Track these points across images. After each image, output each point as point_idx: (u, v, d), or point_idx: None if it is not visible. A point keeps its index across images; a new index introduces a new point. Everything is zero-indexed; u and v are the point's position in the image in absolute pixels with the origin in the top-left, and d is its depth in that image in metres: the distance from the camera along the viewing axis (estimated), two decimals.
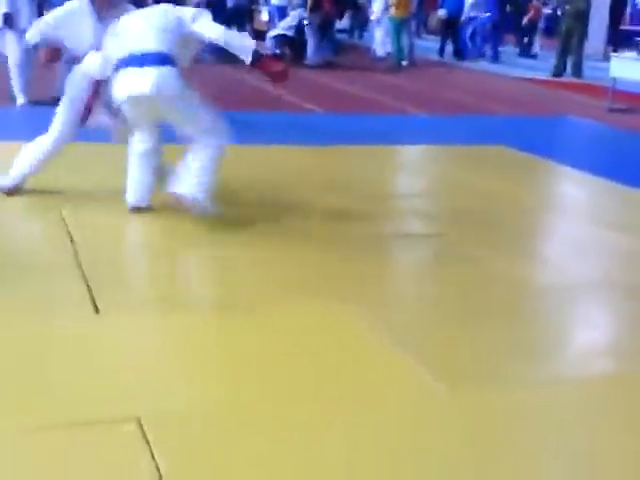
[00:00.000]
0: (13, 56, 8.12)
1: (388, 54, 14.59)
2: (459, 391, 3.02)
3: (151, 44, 4.72)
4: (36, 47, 5.48)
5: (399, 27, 14.20)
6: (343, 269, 4.23)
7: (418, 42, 16.35)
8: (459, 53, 16.28)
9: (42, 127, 5.25)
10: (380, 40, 14.81)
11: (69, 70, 7.23)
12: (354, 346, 3.36)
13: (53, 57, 5.38)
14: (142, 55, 4.71)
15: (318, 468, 2.50)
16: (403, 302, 3.97)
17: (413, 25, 15.43)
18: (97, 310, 3.52)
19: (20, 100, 8.16)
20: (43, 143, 5.14)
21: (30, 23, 7.95)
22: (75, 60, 5.49)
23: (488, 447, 2.69)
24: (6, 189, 5.14)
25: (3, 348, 3.13)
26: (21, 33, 7.96)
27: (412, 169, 6.90)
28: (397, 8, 14.15)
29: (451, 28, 16.24)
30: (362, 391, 3.00)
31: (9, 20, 7.91)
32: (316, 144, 7.13)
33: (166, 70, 4.70)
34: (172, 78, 4.71)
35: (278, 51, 13.90)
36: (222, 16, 12.98)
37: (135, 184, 4.90)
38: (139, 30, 4.81)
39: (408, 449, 2.64)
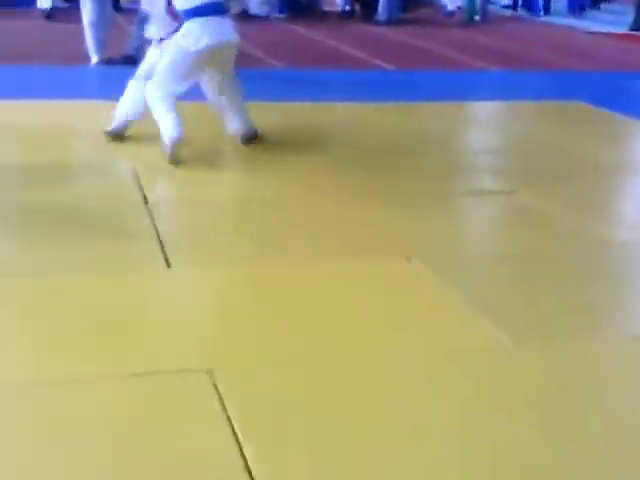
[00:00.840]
0: (87, 15, 8.22)
1: (459, 8, 14.29)
2: (531, 347, 3.01)
3: None
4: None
5: None
6: (410, 226, 4.21)
7: None
8: (530, 6, 15.85)
9: (115, 85, 5.32)
10: None
11: (142, 30, 7.33)
12: (424, 303, 3.36)
13: None
14: (208, 5, 4.96)
15: (392, 420, 2.52)
16: (473, 260, 3.93)
17: None
18: (169, 264, 3.58)
19: (94, 59, 8.27)
20: (137, 88, 5.25)
21: None
22: (148, 19, 5.57)
23: (557, 401, 2.68)
24: (108, 133, 5.31)
25: (81, 302, 3.21)
26: None
27: (484, 125, 6.79)
28: None
29: None
30: (435, 345, 3.00)
31: None
32: (384, 101, 7.07)
33: (229, 19, 5.08)
34: (234, 27, 5.11)
35: (348, 7, 13.76)
36: None
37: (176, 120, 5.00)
38: None
39: (478, 403, 2.64)
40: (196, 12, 5.00)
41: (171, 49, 5.10)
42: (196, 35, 4.99)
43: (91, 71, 8.12)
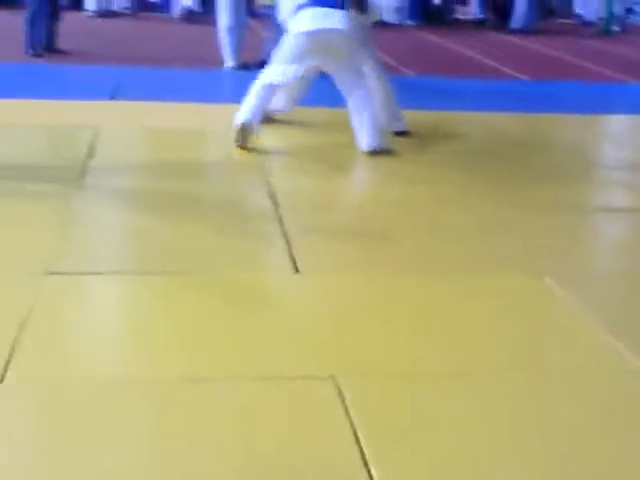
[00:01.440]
0: (223, 20, 8.41)
1: (600, 19, 13.88)
2: None
3: None
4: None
5: None
6: (541, 240, 4.11)
7: None
8: None
9: (247, 90, 5.43)
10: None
11: (276, 34, 7.44)
12: (558, 324, 3.25)
13: None
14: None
15: (510, 437, 2.46)
16: (607, 279, 3.80)
17: None
18: (297, 269, 3.61)
19: (229, 63, 8.46)
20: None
21: None
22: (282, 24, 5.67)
23: None
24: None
25: (205, 300, 3.29)
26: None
27: (620, 140, 6.57)
28: None
29: None
30: (570, 369, 2.91)
31: None
32: (518, 111, 6.95)
33: (342, 12, 5.29)
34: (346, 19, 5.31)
35: (482, 15, 13.60)
36: None
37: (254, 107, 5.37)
38: None
39: (610, 432, 2.55)
40: (309, 4, 5.30)
41: (284, 38, 5.43)
42: (304, 21, 5.27)
43: (226, 75, 8.32)
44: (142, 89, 7.20)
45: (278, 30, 8.13)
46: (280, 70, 5.38)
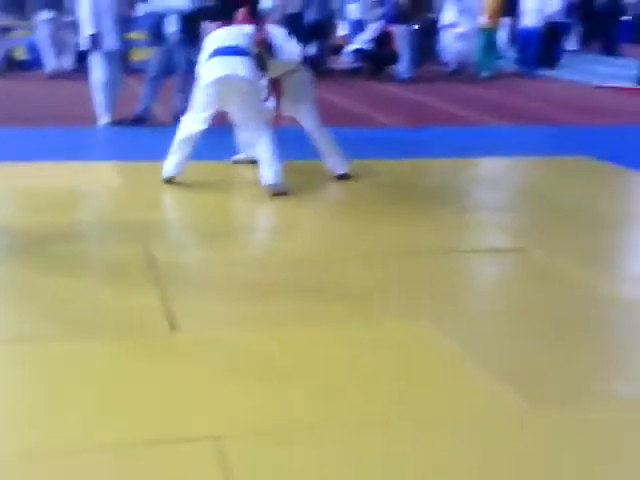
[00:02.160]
0: (97, 76, 8.29)
1: (460, 64, 14.45)
2: (543, 409, 2.96)
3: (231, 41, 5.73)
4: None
5: (489, 38, 13.92)
6: (419, 284, 4.19)
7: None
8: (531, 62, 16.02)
9: (125, 146, 5.36)
10: (455, 50, 14.63)
11: (150, 90, 7.40)
12: (432, 363, 3.31)
13: None
14: (224, 47, 5.69)
15: None
16: (484, 319, 3.88)
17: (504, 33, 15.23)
18: (174, 327, 3.55)
19: (103, 120, 8.33)
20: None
21: (117, 44, 8.18)
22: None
23: (573, 466, 2.61)
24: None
25: (79, 365, 3.18)
26: (107, 54, 8.16)
27: (491, 181, 6.78)
28: (491, 17, 13.71)
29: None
30: (444, 408, 2.95)
31: (96, 41, 8.09)
32: (394, 157, 7.10)
33: (244, 59, 5.65)
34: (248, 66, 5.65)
35: (357, 65, 13.91)
36: (300, 32, 13.05)
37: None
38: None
39: (492, 467, 2.58)
40: (215, 54, 5.67)
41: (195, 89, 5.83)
42: (210, 70, 5.64)
43: (101, 132, 8.19)
44: (13, 150, 7.01)
45: (151, 85, 8.14)
46: (195, 119, 5.73)
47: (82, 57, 11.53)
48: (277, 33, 6.12)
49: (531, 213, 5.71)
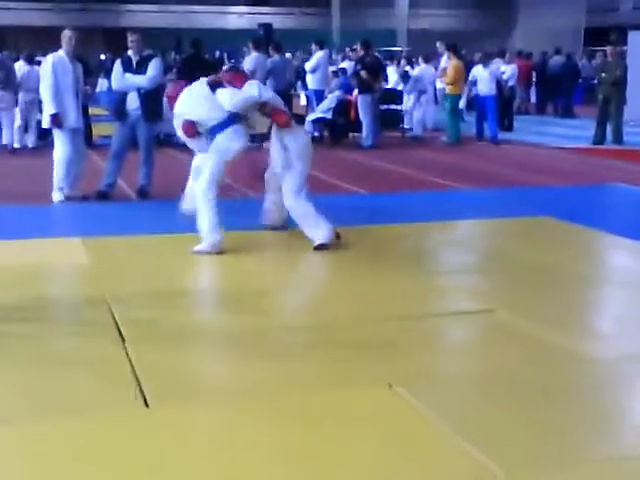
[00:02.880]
0: (60, 153, 8.27)
1: (423, 132, 14.73)
2: (518, 474, 2.95)
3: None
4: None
5: (454, 104, 14.18)
6: (387, 350, 4.19)
7: None
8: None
9: (91, 221, 5.35)
10: (418, 118, 14.89)
11: (114, 165, 7.44)
12: (404, 429, 3.30)
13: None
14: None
15: None
16: (453, 383, 3.89)
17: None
18: (147, 404, 3.51)
19: (57, 197, 8.22)
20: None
21: (78, 121, 8.21)
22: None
23: None
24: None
25: (53, 445, 3.13)
26: (69, 131, 8.18)
27: (459, 244, 6.86)
28: (453, 85, 14.00)
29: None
30: (414, 475, 2.93)
31: (57, 120, 8.12)
32: (361, 224, 7.16)
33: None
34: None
35: (317, 134, 14.09)
36: None
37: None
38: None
39: None
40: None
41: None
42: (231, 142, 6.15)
43: (66, 208, 8.13)
44: None
45: (114, 161, 8.17)
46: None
47: (43, 135, 11.60)
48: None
49: (496, 274, 5.77)
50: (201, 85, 6.35)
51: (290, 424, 3.36)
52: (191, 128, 6.29)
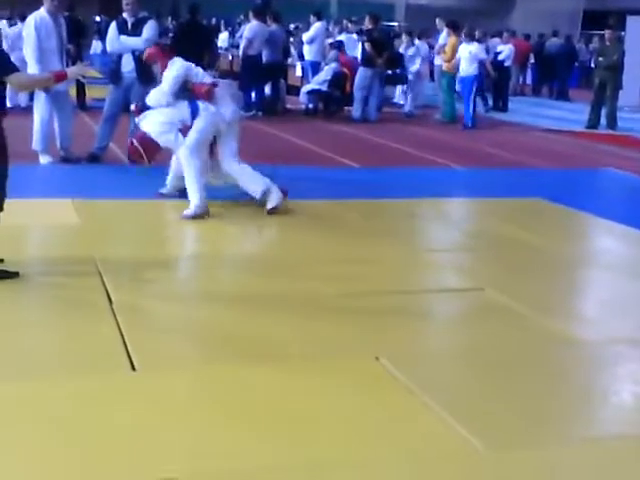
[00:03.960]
0: (39, 114, 8.13)
1: (415, 108, 14.68)
2: (494, 448, 2.98)
3: None
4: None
5: (452, 83, 14.04)
6: (375, 324, 4.21)
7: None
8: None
9: (83, 184, 5.32)
10: (412, 95, 14.82)
11: (106, 129, 7.38)
12: (388, 403, 3.33)
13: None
14: None
15: None
16: (439, 358, 3.92)
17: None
18: (134, 367, 3.52)
19: (44, 159, 8.14)
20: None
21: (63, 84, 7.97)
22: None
23: None
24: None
25: (35, 407, 3.14)
26: (54, 93, 8.00)
27: (448, 222, 6.87)
28: (450, 62, 13.69)
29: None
30: (399, 450, 2.95)
31: None
32: (352, 198, 7.15)
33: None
34: None
35: (311, 105, 14.04)
36: (257, 72, 13.16)
37: None
38: None
39: None
40: None
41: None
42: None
43: (57, 169, 8.09)
44: None
45: (107, 124, 8.11)
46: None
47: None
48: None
49: (487, 254, 5.79)
50: None
51: (270, 391, 3.38)
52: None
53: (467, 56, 13.31)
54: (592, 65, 20.02)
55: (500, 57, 16.39)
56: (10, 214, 4.57)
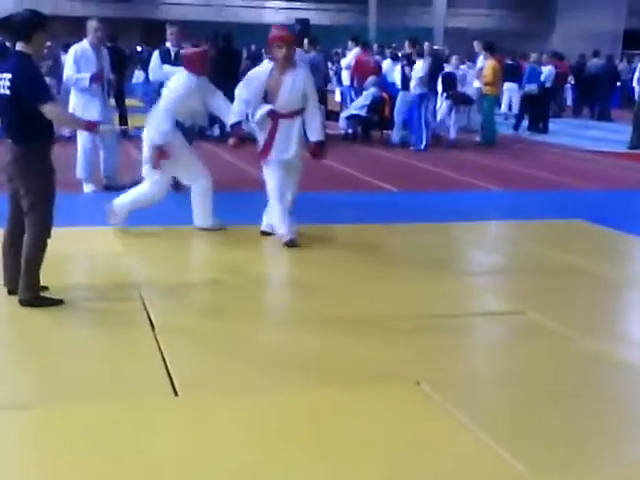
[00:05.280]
0: (81, 144, 8.23)
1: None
2: (539, 472, 2.95)
3: None
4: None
5: (492, 105, 13.97)
6: (420, 349, 4.19)
7: None
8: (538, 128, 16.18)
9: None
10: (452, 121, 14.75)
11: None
12: (435, 431, 3.31)
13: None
14: None
15: None
16: (482, 383, 3.89)
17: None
18: (176, 393, 3.55)
19: (88, 188, 8.27)
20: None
21: (102, 114, 8.01)
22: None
23: None
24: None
25: (84, 430, 3.18)
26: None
27: (491, 245, 6.84)
28: (490, 85, 13.81)
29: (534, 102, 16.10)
30: (443, 474, 2.94)
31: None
32: (393, 222, 7.15)
33: None
34: None
35: (350, 130, 14.07)
36: None
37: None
38: None
39: None
40: None
41: None
42: None
43: (97, 198, 8.20)
44: None
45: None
46: None
47: None
48: None
49: (528, 277, 5.74)
50: None
51: (313, 418, 3.39)
52: None
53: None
54: (634, 84, 19.86)
55: (541, 78, 16.31)
56: (54, 242, 4.64)
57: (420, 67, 12.77)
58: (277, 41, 6.13)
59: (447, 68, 14.29)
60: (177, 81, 6.47)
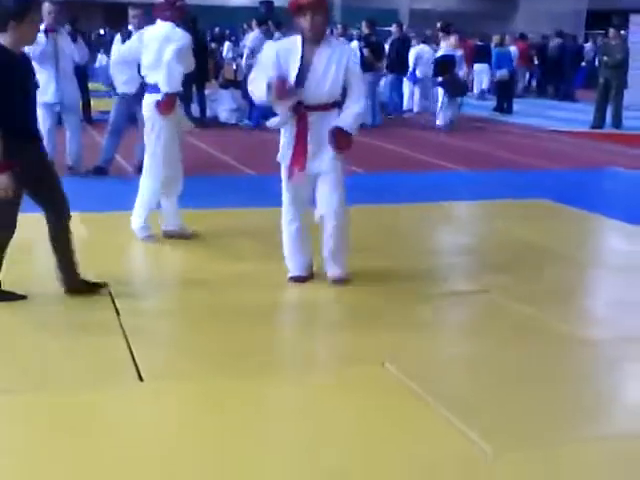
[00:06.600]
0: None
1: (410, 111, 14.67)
2: (504, 450, 2.97)
3: None
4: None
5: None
6: (384, 329, 4.20)
7: None
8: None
9: (88, 197, 5.31)
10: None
11: (112, 141, 7.29)
12: (399, 411, 3.32)
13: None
14: None
15: None
16: (445, 362, 3.92)
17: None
18: (141, 378, 3.54)
19: None
20: None
21: (56, 96, 7.91)
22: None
23: None
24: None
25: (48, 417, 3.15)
26: (47, 106, 7.97)
27: (455, 225, 6.87)
28: None
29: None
30: (408, 453, 2.96)
31: None
32: (356, 203, 7.14)
33: None
34: None
35: None
36: None
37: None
38: None
39: None
40: None
41: None
42: None
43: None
44: None
45: (112, 137, 8.11)
46: None
47: None
48: None
49: (493, 256, 5.78)
50: None
51: (276, 400, 3.41)
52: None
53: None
54: (597, 64, 20.01)
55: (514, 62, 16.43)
56: (18, 229, 4.59)
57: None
58: (299, 7, 4.45)
59: (440, 52, 14.14)
60: (179, 33, 5.76)
